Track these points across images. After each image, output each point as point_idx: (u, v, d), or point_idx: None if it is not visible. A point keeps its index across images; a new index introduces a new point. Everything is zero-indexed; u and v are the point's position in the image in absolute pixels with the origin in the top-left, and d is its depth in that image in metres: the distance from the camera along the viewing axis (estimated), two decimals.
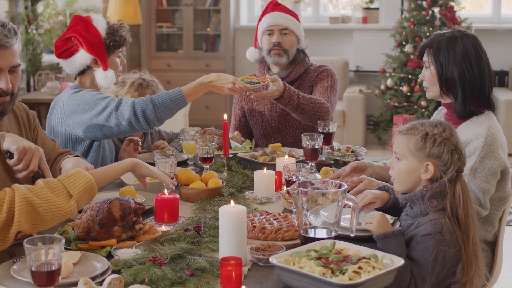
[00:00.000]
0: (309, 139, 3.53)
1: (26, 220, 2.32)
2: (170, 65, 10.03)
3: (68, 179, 2.47)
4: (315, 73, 4.41)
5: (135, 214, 2.60)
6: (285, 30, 4.34)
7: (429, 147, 2.59)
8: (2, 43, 2.90)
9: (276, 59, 4.34)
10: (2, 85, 2.95)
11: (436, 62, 3.21)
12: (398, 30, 9.00)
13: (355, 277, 2.14)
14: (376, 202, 2.86)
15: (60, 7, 8.30)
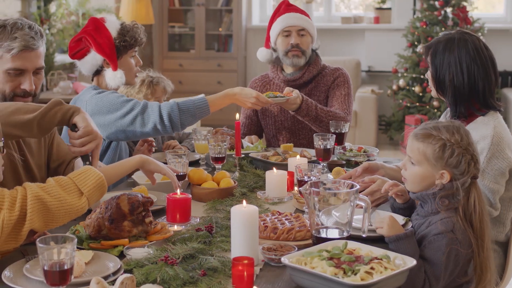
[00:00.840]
0: (321, 139, 3.52)
1: (38, 218, 2.33)
2: (182, 65, 10.04)
3: (78, 176, 2.48)
4: (331, 77, 4.39)
5: (144, 208, 2.60)
6: (303, 31, 4.33)
7: (447, 157, 2.56)
8: (29, 45, 2.95)
9: (295, 61, 4.33)
10: (26, 86, 2.99)
11: (432, 65, 3.22)
12: (410, 30, 8.98)
13: (367, 277, 2.14)
14: (403, 196, 2.85)
15: (73, 7, 8.32)
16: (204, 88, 9.57)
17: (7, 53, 2.93)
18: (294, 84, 4.37)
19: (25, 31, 2.95)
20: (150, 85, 4.24)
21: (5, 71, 2.96)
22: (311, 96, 4.36)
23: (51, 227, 2.41)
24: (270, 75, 4.47)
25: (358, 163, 3.68)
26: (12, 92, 2.99)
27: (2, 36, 2.93)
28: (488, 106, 3.18)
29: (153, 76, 4.30)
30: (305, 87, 4.38)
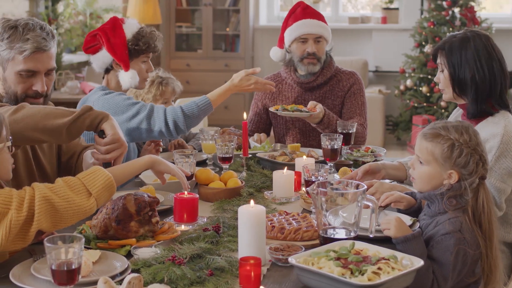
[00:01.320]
0: (329, 139, 3.52)
1: (46, 218, 2.33)
2: (189, 65, 10.04)
3: (87, 177, 2.48)
4: (347, 83, 4.39)
5: (150, 208, 2.60)
6: (319, 38, 4.32)
7: (455, 157, 2.56)
8: (41, 46, 2.95)
9: (310, 68, 4.33)
10: (38, 88, 2.99)
11: (449, 64, 3.20)
12: (417, 30, 8.96)
13: (374, 277, 2.14)
14: (403, 203, 2.85)
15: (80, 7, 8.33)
16: (211, 88, 9.47)
17: (19, 54, 2.93)
18: (307, 86, 4.36)
19: (37, 32, 2.94)
20: (160, 86, 4.25)
21: (17, 73, 2.96)
22: (325, 100, 4.36)
23: (59, 228, 2.41)
24: (283, 75, 4.47)
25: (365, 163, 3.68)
26: (24, 93, 3.00)
27: (14, 37, 2.93)
28: (504, 104, 3.17)
29: (163, 76, 4.30)
30: (319, 90, 4.38)
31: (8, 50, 2.94)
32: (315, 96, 4.37)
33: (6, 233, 2.28)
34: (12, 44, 2.93)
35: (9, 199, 2.30)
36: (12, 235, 2.29)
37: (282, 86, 4.46)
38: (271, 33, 10.12)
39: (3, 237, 2.28)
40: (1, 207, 2.29)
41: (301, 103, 4.36)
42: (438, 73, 3.29)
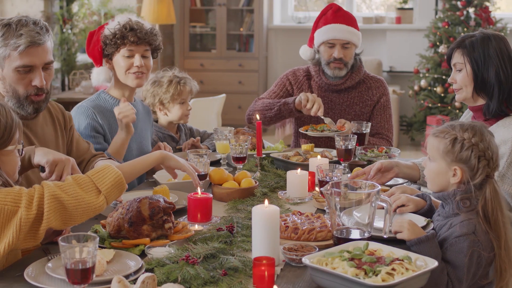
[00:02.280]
0: (343, 139, 3.52)
1: (55, 217, 2.35)
2: (203, 65, 10.05)
3: (96, 174, 2.49)
4: (376, 92, 4.38)
5: (164, 213, 2.60)
6: (347, 44, 4.30)
7: (457, 152, 2.56)
8: (35, 40, 2.93)
9: (336, 73, 4.31)
10: (37, 82, 2.98)
11: (471, 61, 3.19)
12: (432, 30, 8.94)
13: (388, 278, 2.14)
14: (409, 206, 2.85)
15: (95, 7, 8.35)
16: (225, 88, 9.58)
17: (14, 50, 2.91)
18: (335, 88, 4.36)
19: (30, 27, 2.93)
20: (178, 86, 4.24)
21: (14, 69, 2.94)
22: (354, 106, 4.35)
23: (69, 226, 2.44)
24: (312, 73, 4.45)
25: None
26: (26, 92, 2.98)
27: (8, 34, 2.92)
28: None
29: (180, 76, 4.30)
30: (347, 94, 4.37)
31: (3, 48, 2.93)
32: (342, 99, 4.36)
33: (17, 231, 2.30)
34: (7, 41, 2.92)
35: (18, 197, 2.32)
36: (22, 233, 2.31)
37: (311, 82, 4.45)
38: (285, 33, 10.13)
39: (14, 235, 2.30)
40: (11, 206, 2.30)
41: (327, 103, 4.36)
42: (454, 73, 3.28)
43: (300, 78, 4.47)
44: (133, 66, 3.71)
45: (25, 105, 3.00)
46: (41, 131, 3.14)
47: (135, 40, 3.67)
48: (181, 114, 4.25)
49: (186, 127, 4.43)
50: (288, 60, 10.03)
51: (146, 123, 3.95)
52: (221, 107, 7.28)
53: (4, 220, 2.31)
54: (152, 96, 4.25)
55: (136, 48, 3.70)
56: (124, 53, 3.70)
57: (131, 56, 3.71)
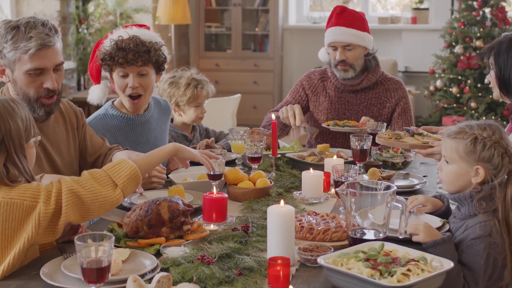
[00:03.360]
0: (358, 140, 3.51)
1: (73, 211, 2.38)
2: (218, 64, 10.06)
3: (112, 168, 2.52)
4: (395, 94, 4.36)
5: (183, 215, 2.61)
6: (348, 46, 4.30)
7: (479, 151, 2.55)
8: (45, 42, 2.92)
9: (342, 74, 4.32)
10: (49, 85, 2.98)
11: (496, 64, 3.21)
12: (448, 30, 8.91)
13: (404, 279, 2.13)
14: (427, 206, 2.85)
15: (111, 7, 8.36)
16: (240, 88, 9.58)
17: (25, 54, 2.90)
18: (351, 89, 4.36)
19: (39, 29, 2.91)
20: (195, 90, 4.24)
21: (25, 73, 2.93)
22: (371, 107, 4.34)
23: (87, 220, 2.47)
24: (329, 74, 4.45)
25: (395, 164, 3.67)
26: (36, 94, 2.98)
27: (17, 37, 2.90)
28: None
29: (198, 79, 4.29)
30: (364, 94, 4.36)
31: (13, 51, 2.91)
32: (359, 100, 4.36)
33: (36, 226, 2.33)
34: (16, 44, 2.90)
35: (37, 193, 2.35)
36: (42, 228, 2.34)
37: (327, 83, 4.45)
38: (300, 33, 10.12)
39: (33, 229, 2.33)
40: (30, 201, 2.34)
41: (344, 104, 4.36)
42: (490, 71, 3.32)
43: (315, 81, 4.48)
44: (127, 87, 3.56)
45: (36, 108, 2.99)
46: (52, 133, 3.14)
47: (124, 62, 3.49)
48: (195, 117, 4.26)
49: (201, 127, 4.43)
50: (303, 60, 10.02)
51: (162, 126, 3.87)
52: (236, 107, 7.29)
53: (23, 216, 2.34)
54: (169, 97, 4.25)
55: (130, 68, 3.52)
56: (119, 72, 3.56)
57: (125, 75, 3.55)
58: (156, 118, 3.80)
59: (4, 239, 2.36)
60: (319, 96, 4.45)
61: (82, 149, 3.31)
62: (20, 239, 2.35)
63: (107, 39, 3.56)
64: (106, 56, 3.51)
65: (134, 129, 3.66)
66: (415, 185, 3.42)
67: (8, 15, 7.25)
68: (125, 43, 3.48)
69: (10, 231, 2.35)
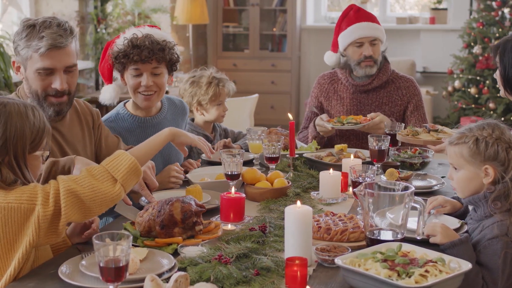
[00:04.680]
0: (376, 140, 3.50)
1: (73, 211, 2.35)
2: (236, 64, 10.06)
3: (110, 163, 2.48)
4: (406, 92, 4.34)
5: (195, 216, 2.61)
6: (375, 41, 4.30)
7: (483, 151, 2.56)
8: (56, 43, 2.92)
9: (368, 70, 4.30)
10: (57, 85, 2.97)
11: (501, 63, 3.21)
12: (466, 31, 8.87)
13: (422, 280, 2.12)
14: (446, 207, 2.84)
15: (129, 7, 8.39)
16: (258, 88, 9.58)
17: (35, 52, 2.91)
18: (363, 89, 4.35)
19: (53, 29, 2.92)
20: (216, 88, 4.25)
21: (35, 71, 2.95)
22: (383, 105, 4.33)
23: (90, 217, 2.44)
24: (339, 75, 4.44)
25: (413, 165, 3.66)
26: (44, 92, 2.98)
27: (31, 35, 2.92)
28: None
29: (218, 77, 4.30)
30: (375, 94, 4.35)
31: (26, 49, 2.93)
32: (371, 99, 4.35)
33: (36, 229, 2.31)
34: (29, 42, 2.92)
35: (34, 195, 2.32)
36: (43, 230, 2.32)
37: (337, 85, 4.45)
38: (318, 33, 10.11)
39: (34, 233, 2.31)
40: (27, 204, 2.31)
41: (356, 104, 4.35)
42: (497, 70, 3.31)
43: (325, 86, 4.48)
44: (141, 86, 3.54)
45: (45, 106, 3.00)
46: (68, 132, 3.15)
47: (138, 59, 3.47)
48: (218, 115, 4.27)
49: (220, 128, 4.44)
50: (321, 60, 9.89)
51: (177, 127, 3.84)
52: (253, 107, 7.28)
53: (22, 219, 2.32)
54: (190, 96, 4.26)
55: (143, 66, 3.51)
56: (132, 72, 3.54)
57: (139, 75, 3.54)
58: (169, 120, 3.78)
59: (7, 243, 2.34)
60: (331, 100, 4.45)
61: (97, 149, 3.32)
62: (22, 242, 2.33)
63: (120, 38, 3.55)
64: (120, 54, 3.50)
65: (145, 131, 3.63)
66: (433, 186, 3.41)
67: (27, 14, 7.29)
68: (140, 40, 3.48)
69: (12, 235, 2.33)
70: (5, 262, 2.37)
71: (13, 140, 2.38)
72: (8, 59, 5.94)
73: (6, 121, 2.38)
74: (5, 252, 2.36)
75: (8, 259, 2.37)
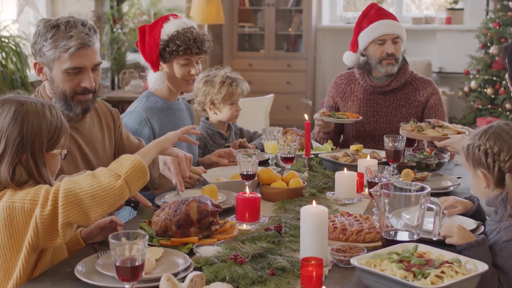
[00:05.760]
0: (392, 140, 3.49)
1: (71, 211, 2.31)
2: (251, 64, 10.07)
3: (114, 164, 2.45)
4: (424, 93, 4.32)
5: (211, 216, 2.62)
6: (397, 38, 4.28)
7: (470, 157, 2.60)
8: (86, 42, 2.92)
9: (390, 69, 4.28)
10: (87, 84, 2.98)
11: (509, 64, 3.21)
12: (482, 31, 8.83)
13: (438, 281, 2.12)
14: (458, 207, 2.84)
15: (145, 7, 8.41)
16: (273, 88, 9.58)
17: (65, 52, 2.90)
18: (381, 90, 4.33)
19: (79, 29, 2.92)
20: (230, 88, 4.25)
21: (64, 71, 2.94)
22: (400, 108, 4.32)
23: (92, 219, 2.36)
24: (357, 76, 4.43)
25: (429, 165, 3.65)
26: (73, 91, 2.98)
27: (57, 36, 2.90)
28: None
29: (232, 77, 4.30)
30: (393, 95, 4.33)
31: (53, 50, 2.91)
32: (388, 101, 4.34)
33: (34, 229, 2.30)
34: (56, 43, 2.90)
35: (37, 195, 2.32)
36: (42, 231, 2.31)
37: (354, 86, 4.44)
38: (334, 33, 10.10)
39: (32, 233, 2.31)
40: (29, 204, 2.32)
41: (373, 106, 4.34)
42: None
43: (342, 86, 4.47)
44: (189, 74, 3.74)
45: (73, 105, 3.00)
46: (88, 133, 3.15)
47: (197, 52, 3.71)
48: (231, 115, 4.26)
49: (236, 127, 4.44)
50: (337, 60, 9.99)
51: (189, 121, 3.99)
52: (269, 107, 7.29)
53: (24, 219, 2.32)
54: (204, 95, 4.26)
55: (194, 57, 3.73)
56: (182, 61, 3.72)
57: (188, 64, 3.73)
58: (185, 110, 3.98)
59: (14, 242, 2.34)
60: (347, 100, 4.44)
61: (120, 148, 3.33)
62: (23, 242, 2.33)
63: (169, 25, 3.68)
64: (183, 45, 3.66)
65: (174, 113, 3.83)
66: (449, 187, 3.40)
67: (43, 14, 7.32)
68: (196, 33, 3.71)
69: (18, 234, 2.33)
70: (14, 262, 2.37)
71: (30, 137, 2.38)
72: (24, 58, 5.97)
73: (23, 119, 2.39)
74: (13, 252, 2.36)
75: (16, 258, 2.36)
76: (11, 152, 2.37)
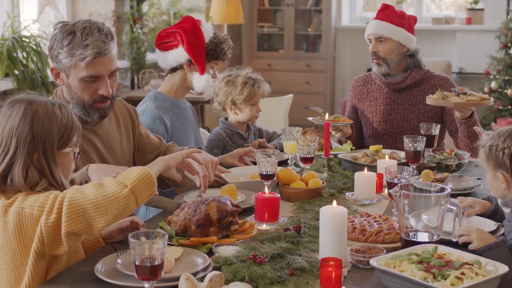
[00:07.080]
0: (411, 141, 3.48)
1: (74, 220, 2.28)
2: (270, 64, 10.07)
3: (121, 175, 2.41)
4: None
5: (231, 216, 2.62)
6: (380, 38, 4.27)
7: (493, 157, 2.56)
8: (102, 51, 2.91)
9: (376, 69, 4.31)
10: (104, 92, 2.98)
11: None
12: (503, 31, 8.78)
13: (457, 283, 2.11)
14: (476, 208, 2.83)
15: (164, 7, 8.44)
16: (292, 88, 9.58)
17: (81, 61, 2.88)
18: (396, 87, 4.32)
19: (95, 36, 2.89)
20: (252, 89, 4.25)
21: (80, 79, 2.93)
22: (417, 104, 4.30)
23: (96, 229, 2.32)
24: (373, 76, 4.44)
25: (449, 166, 3.63)
26: (91, 99, 2.98)
27: (73, 44, 2.88)
28: None
29: (254, 78, 4.30)
30: (409, 92, 4.32)
31: (69, 58, 2.90)
32: (405, 98, 4.33)
33: (39, 236, 2.30)
34: (72, 51, 2.88)
35: (45, 202, 2.31)
36: (46, 238, 2.30)
37: (371, 86, 4.43)
38: (353, 33, 10.08)
39: (37, 240, 2.31)
40: (38, 211, 2.31)
41: (390, 104, 4.33)
42: None
43: (359, 88, 4.47)
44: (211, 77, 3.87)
45: (91, 112, 3.01)
46: (106, 134, 3.15)
47: (227, 59, 3.91)
48: (251, 116, 4.27)
49: (255, 127, 4.44)
50: (356, 61, 9.99)
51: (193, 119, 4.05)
52: (288, 107, 7.29)
53: (32, 225, 2.32)
54: (225, 95, 4.26)
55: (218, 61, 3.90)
56: (213, 65, 3.89)
57: (213, 68, 3.90)
58: (189, 110, 4.04)
59: (24, 248, 2.34)
60: (364, 102, 4.43)
61: (140, 147, 3.33)
62: (30, 249, 2.33)
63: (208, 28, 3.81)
64: (226, 51, 3.87)
65: (181, 111, 3.90)
66: (470, 188, 3.39)
67: (64, 14, 7.36)
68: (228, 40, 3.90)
69: (27, 240, 2.33)
70: (24, 267, 2.37)
71: (41, 136, 2.38)
72: (45, 58, 6.01)
73: (32, 117, 2.39)
74: (23, 257, 2.36)
75: (25, 264, 2.36)
76: (23, 152, 2.37)
